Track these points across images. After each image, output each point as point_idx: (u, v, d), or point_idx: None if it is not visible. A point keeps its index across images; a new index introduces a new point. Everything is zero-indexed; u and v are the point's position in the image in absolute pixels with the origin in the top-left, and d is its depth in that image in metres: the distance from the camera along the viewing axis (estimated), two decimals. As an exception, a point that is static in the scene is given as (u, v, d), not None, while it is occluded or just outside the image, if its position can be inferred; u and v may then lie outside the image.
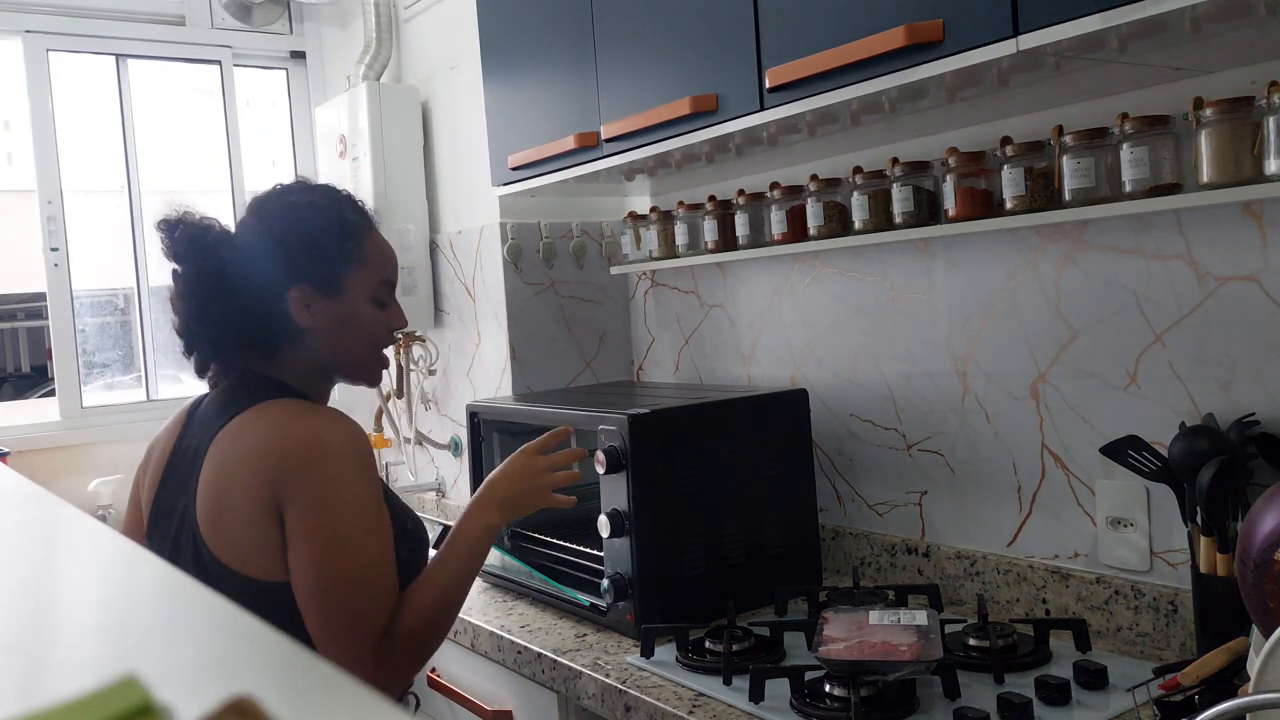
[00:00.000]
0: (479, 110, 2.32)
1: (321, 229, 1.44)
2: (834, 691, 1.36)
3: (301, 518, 1.29)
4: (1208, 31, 1.17)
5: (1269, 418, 1.38)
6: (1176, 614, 1.49)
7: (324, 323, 1.44)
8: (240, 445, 1.35)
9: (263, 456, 1.32)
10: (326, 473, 1.31)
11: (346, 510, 1.31)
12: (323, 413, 1.39)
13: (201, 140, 2.94)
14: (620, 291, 2.53)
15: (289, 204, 1.47)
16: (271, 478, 1.30)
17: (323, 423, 1.36)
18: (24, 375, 8.96)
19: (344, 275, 1.45)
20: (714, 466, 1.76)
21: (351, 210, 1.49)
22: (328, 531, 1.29)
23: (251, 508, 1.31)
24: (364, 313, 1.47)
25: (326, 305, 1.44)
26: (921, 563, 1.85)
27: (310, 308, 1.43)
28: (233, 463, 1.34)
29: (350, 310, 1.45)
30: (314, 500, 1.30)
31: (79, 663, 0.46)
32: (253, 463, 1.32)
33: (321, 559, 1.28)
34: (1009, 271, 1.68)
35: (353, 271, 1.45)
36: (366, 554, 1.31)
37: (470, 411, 2.10)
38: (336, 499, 1.30)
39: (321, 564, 1.28)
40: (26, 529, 0.79)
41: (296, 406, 1.39)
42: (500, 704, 1.81)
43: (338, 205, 1.48)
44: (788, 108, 1.48)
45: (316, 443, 1.32)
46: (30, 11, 2.68)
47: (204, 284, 1.43)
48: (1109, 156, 1.41)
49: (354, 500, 1.32)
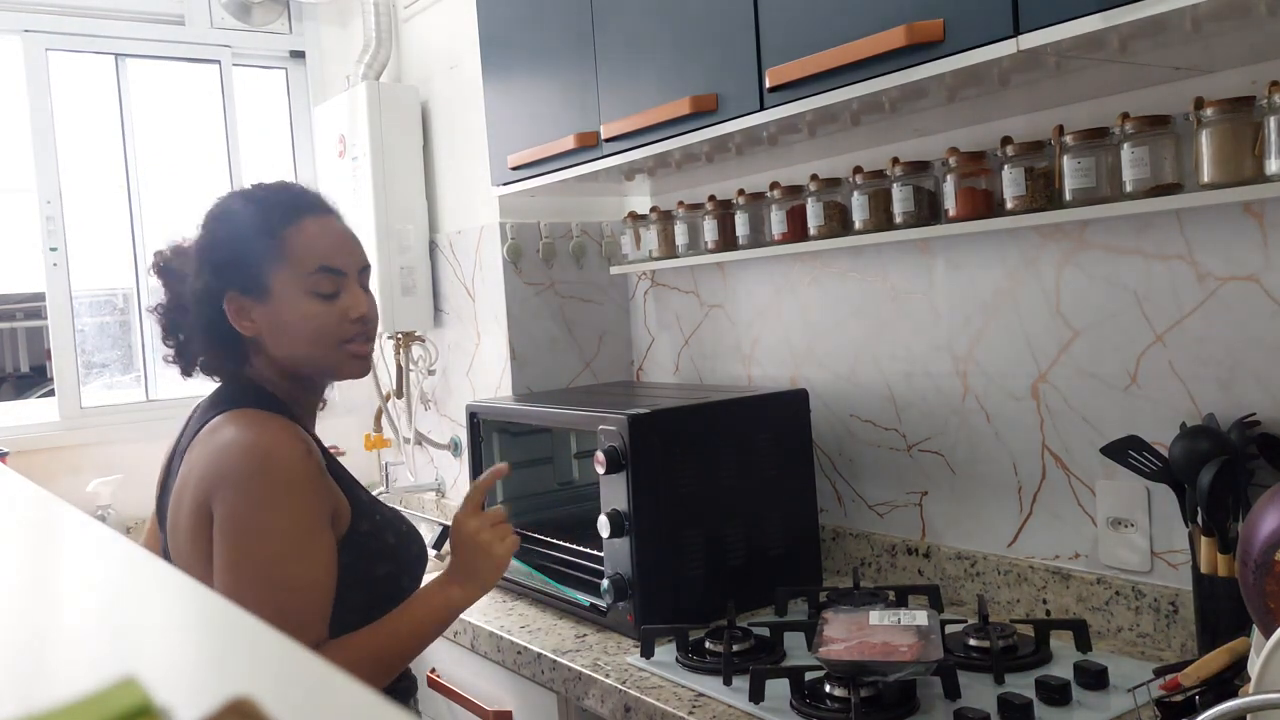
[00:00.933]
0: (479, 110, 2.32)
1: (238, 231, 1.40)
2: (834, 692, 1.35)
3: (218, 534, 1.28)
4: (1208, 31, 1.17)
5: (1270, 418, 1.38)
6: (1177, 614, 1.49)
7: (264, 328, 1.38)
8: (192, 458, 1.35)
9: (201, 472, 1.31)
10: (249, 491, 1.28)
11: (260, 533, 1.27)
12: (262, 430, 1.32)
13: (201, 140, 2.94)
14: (620, 291, 2.52)
15: (219, 211, 1.44)
16: (205, 493, 1.30)
17: (259, 439, 1.30)
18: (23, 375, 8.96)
19: (268, 275, 1.37)
20: (714, 466, 1.76)
21: (279, 204, 1.42)
22: (237, 551, 1.27)
23: (190, 522, 1.32)
24: (301, 309, 1.37)
25: (260, 310, 1.38)
26: (922, 563, 1.85)
27: (246, 314, 1.38)
28: (186, 474, 1.35)
29: (285, 310, 1.37)
30: (228, 519, 1.28)
31: (79, 663, 0.46)
32: (194, 477, 1.32)
33: (225, 578, 1.26)
34: (1009, 271, 1.68)
35: (277, 270, 1.37)
36: (279, 578, 1.26)
37: (470, 411, 2.10)
38: (253, 521, 1.27)
39: (226, 584, 1.26)
40: (26, 529, 0.79)
41: (245, 420, 1.34)
42: (500, 704, 1.81)
43: (261, 202, 1.42)
44: (788, 108, 1.48)
45: (246, 459, 1.29)
46: (29, 11, 2.68)
47: (170, 304, 1.45)
48: (1110, 156, 1.41)
49: (270, 523, 1.27)
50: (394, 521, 1.44)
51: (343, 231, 1.46)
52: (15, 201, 2.78)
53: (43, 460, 2.62)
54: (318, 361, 1.41)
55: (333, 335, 1.39)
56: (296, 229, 1.39)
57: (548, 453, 2.22)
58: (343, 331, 1.40)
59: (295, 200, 1.44)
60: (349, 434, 2.84)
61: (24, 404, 5.13)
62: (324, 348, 1.39)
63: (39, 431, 2.68)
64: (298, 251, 1.38)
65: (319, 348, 1.39)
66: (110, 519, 2.59)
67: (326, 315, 1.38)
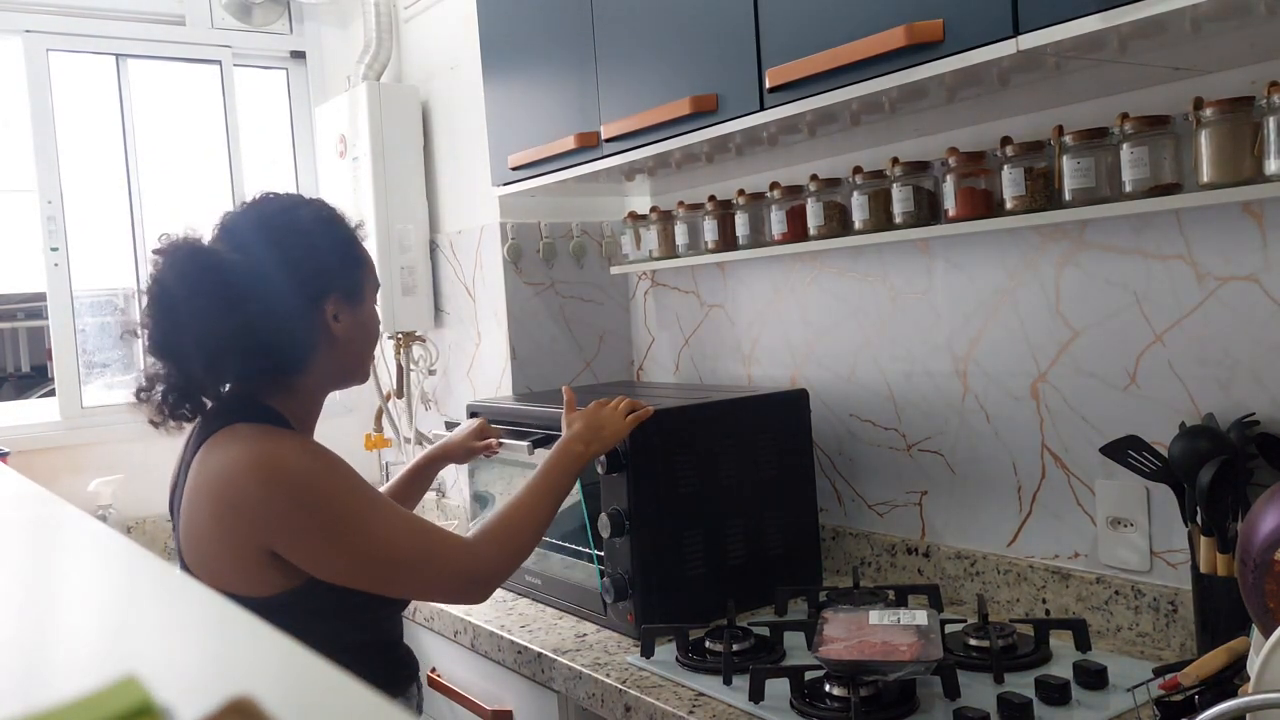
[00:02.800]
0: (479, 110, 2.32)
1: (341, 240, 1.49)
2: (834, 691, 1.36)
3: (313, 548, 1.32)
4: (1208, 31, 1.17)
5: (1269, 418, 1.38)
6: (1176, 614, 1.49)
7: (350, 331, 1.48)
8: (205, 471, 1.36)
9: (225, 487, 1.33)
10: (305, 499, 1.32)
11: (349, 515, 1.33)
12: (274, 438, 1.36)
13: (202, 141, 2.94)
14: (620, 291, 2.52)
15: (289, 221, 1.45)
16: (238, 510, 1.32)
17: (276, 448, 1.34)
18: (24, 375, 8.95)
19: (363, 281, 1.51)
20: (714, 466, 1.76)
21: (344, 217, 1.53)
22: (353, 545, 1.32)
23: (218, 532, 1.34)
24: (373, 315, 1.53)
25: (349, 314, 1.48)
26: (921, 563, 1.85)
27: (339, 318, 1.46)
28: (200, 486, 1.36)
29: (368, 314, 1.52)
30: (312, 528, 1.31)
31: (79, 663, 0.46)
32: (215, 492, 1.34)
33: (369, 567, 1.34)
34: (1009, 271, 1.68)
35: (366, 277, 1.51)
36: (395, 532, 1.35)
37: (470, 411, 2.10)
38: (332, 514, 1.32)
39: (373, 568, 1.34)
40: (26, 529, 0.79)
41: (255, 433, 1.36)
42: (500, 704, 1.81)
43: (337, 215, 1.51)
44: (788, 108, 1.48)
45: (279, 472, 1.32)
46: (30, 11, 2.68)
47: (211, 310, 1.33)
48: (1109, 156, 1.41)
49: (344, 503, 1.33)
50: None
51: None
52: (16, 201, 2.78)
53: (44, 460, 2.62)
54: (364, 365, 1.55)
55: (376, 341, 1.56)
56: (363, 241, 1.54)
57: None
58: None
59: (347, 215, 1.55)
60: (349, 434, 2.84)
61: (25, 404, 5.14)
62: (372, 352, 1.56)
63: (40, 431, 2.68)
64: (367, 265, 1.52)
65: (369, 351, 1.55)
66: (111, 519, 2.59)
67: (378, 321, 1.56)
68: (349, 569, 1.33)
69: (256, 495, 1.31)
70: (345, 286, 1.47)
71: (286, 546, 1.31)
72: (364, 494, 1.36)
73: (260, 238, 1.42)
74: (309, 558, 1.32)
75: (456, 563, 1.40)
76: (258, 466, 1.32)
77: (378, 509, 1.36)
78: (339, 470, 1.36)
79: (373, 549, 1.33)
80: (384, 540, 1.34)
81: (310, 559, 1.32)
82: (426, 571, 1.37)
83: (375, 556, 1.34)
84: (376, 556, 1.34)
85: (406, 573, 1.36)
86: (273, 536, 1.31)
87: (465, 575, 1.41)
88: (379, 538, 1.34)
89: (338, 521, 1.32)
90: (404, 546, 1.35)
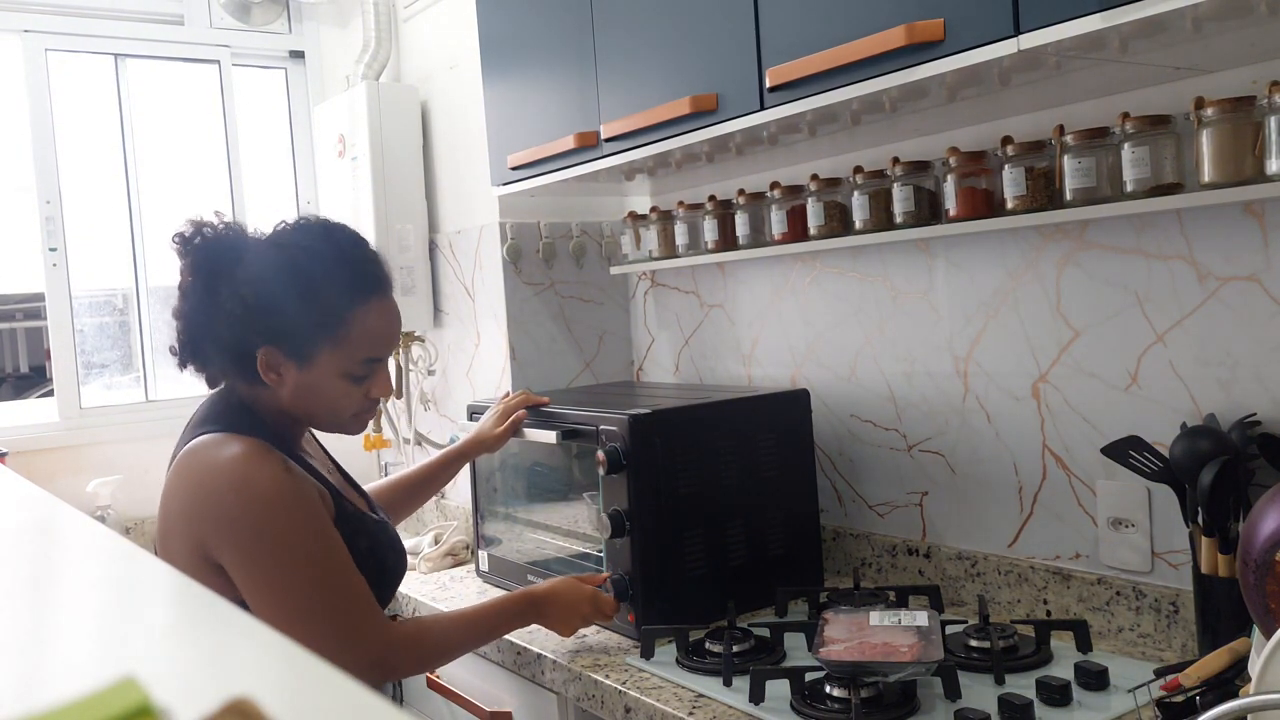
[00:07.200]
0: (478, 110, 2.32)
1: (308, 294, 1.38)
2: (834, 693, 1.35)
3: (244, 568, 1.31)
4: (1208, 31, 1.17)
5: (1270, 418, 1.38)
6: (1178, 615, 1.49)
7: (289, 386, 1.41)
8: (176, 477, 1.38)
9: (188, 495, 1.35)
10: (254, 522, 1.31)
11: (286, 550, 1.32)
12: (249, 454, 1.34)
13: (201, 141, 2.93)
14: (620, 291, 2.52)
15: (293, 256, 1.40)
16: (196, 521, 1.33)
17: (246, 466, 1.32)
18: (23, 375, 8.94)
19: (317, 350, 1.40)
20: (714, 467, 1.75)
21: (356, 276, 1.42)
22: (277, 577, 1.31)
23: (180, 544, 1.35)
24: (333, 386, 1.42)
25: (292, 372, 1.40)
26: (922, 563, 1.85)
27: (275, 369, 1.40)
28: (171, 490, 1.38)
29: (317, 381, 1.41)
30: (250, 551, 1.31)
31: (78, 664, 0.46)
32: (180, 499, 1.36)
33: (284, 603, 1.30)
34: (1010, 271, 1.68)
35: (329, 348, 1.40)
36: (326, 580, 1.33)
37: (470, 411, 2.10)
38: (273, 545, 1.31)
39: (285, 607, 1.30)
40: (26, 529, 0.79)
41: (228, 444, 1.35)
42: (500, 705, 1.81)
43: (338, 262, 1.41)
44: (788, 107, 1.48)
45: (240, 489, 1.31)
46: (29, 11, 2.68)
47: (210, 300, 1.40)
48: (1110, 156, 1.41)
49: (289, 538, 1.32)
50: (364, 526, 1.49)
51: (396, 315, 1.49)
52: (15, 201, 2.77)
53: (42, 461, 2.61)
54: (322, 424, 1.48)
55: (349, 410, 1.46)
56: (363, 312, 1.41)
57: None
58: (359, 407, 1.47)
59: (370, 275, 1.44)
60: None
61: (23, 404, 5.13)
62: (337, 417, 1.46)
63: (38, 432, 2.67)
64: (353, 339, 1.41)
65: (332, 416, 1.46)
66: (110, 519, 2.59)
67: (352, 395, 1.44)
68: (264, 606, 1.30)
69: (213, 504, 1.32)
70: (289, 345, 1.38)
71: (228, 563, 1.32)
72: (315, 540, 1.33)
73: (270, 252, 1.42)
74: (239, 579, 1.32)
75: (371, 650, 1.34)
76: (220, 477, 1.32)
77: (316, 564, 1.32)
78: (303, 509, 1.33)
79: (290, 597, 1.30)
80: (307, 593, 1.31)
81: (240, 581, 1.32)
82: (334, 643, 1.31)
83: (288, 605, 1.30)
84: (289, 605, 1.30)
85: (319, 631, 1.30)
86: (221, 549, 1.31)
87: (371, 663, 1.34)
88: (302, 588, 1.31)
89: (273, 555, 1.31)
90: (329, 606, 1.32)
